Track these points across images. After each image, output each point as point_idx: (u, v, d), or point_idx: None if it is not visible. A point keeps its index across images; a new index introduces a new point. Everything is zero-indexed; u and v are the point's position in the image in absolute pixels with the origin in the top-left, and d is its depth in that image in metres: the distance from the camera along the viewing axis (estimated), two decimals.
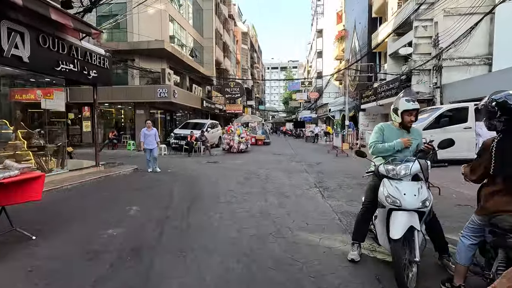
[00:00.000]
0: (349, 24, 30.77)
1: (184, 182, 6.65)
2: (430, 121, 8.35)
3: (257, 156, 12.86)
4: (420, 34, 16.96)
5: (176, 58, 15.97)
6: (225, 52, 31.28)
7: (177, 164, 9.88)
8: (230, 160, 11.29)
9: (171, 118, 19.45)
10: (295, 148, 17.39)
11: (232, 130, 14.10)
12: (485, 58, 16.16)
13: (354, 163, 9.99)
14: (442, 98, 15.97)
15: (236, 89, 22.09)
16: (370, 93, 22.52)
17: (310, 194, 5.46)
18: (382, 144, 2.79)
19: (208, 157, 12.47)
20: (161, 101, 14.97)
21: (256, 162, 10.41)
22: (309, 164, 10.04)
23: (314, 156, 12.70)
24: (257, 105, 54.82)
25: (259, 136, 20.58)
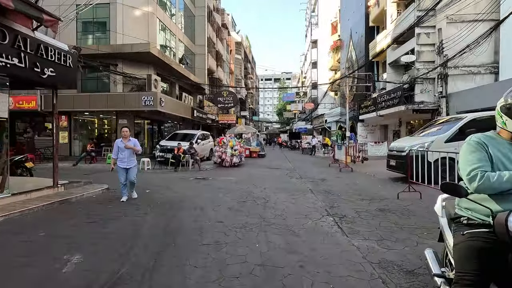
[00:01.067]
0: (344, 34, 30.30)
1: (160, 210, 5.26)
2: (453, 132, 7.21)
3: (252, 170, 11.54)
4: (423, 42, 16.18)
5: (163, 63, 14.77)
6: (218, 61, 30.35)
7: (159, 182, 8.47)
8: (222, 176, 9.93)
9: (159, 128, 18.07)
10: (292, 161, 16.12)
11: (224, 141, 12.80)
12: (491, 66, 15.40)
13: (362, 180, 8.74)
14: (448, 108, 15.06)
15: (229, 98, 20.94)
16: (369, 103, 21.62)
17: (324, 227, 4.15)
18: (499, 173, 1.52)
19: (197, 172, 11.09)
20: (146, 109, 13.64)
21: (251, 179, 9.07)
22: (312, 180, 8.76)
23: (315, 171, 11.44)
24: (251, 116, 53.81)
25: (254, 148, 19.30)
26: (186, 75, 17.10)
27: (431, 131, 8.21)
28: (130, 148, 5.69)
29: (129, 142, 5.76)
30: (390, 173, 9.36)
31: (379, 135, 23.63)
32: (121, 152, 5.68)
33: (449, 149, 7.01)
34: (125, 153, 5.69)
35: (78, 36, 14.54)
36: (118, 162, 5.74)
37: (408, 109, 15.91)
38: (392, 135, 21.54)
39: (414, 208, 5.17)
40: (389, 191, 6.79)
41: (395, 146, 8.34)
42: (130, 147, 5.69)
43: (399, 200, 5.79)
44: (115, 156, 5.76)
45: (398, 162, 7.92)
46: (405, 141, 8.37)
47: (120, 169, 5.75)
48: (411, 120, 19.40)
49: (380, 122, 22.51)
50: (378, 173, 10.25)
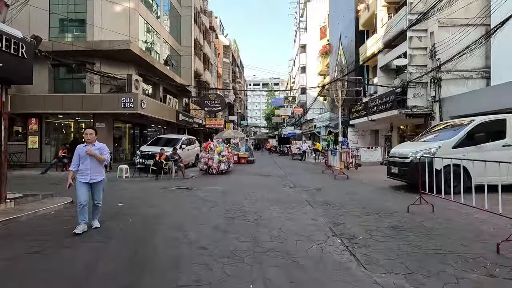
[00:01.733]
0: (333, 39, 30.12)
1: (131, 231, 4.32)
2: (461, 137, 6.62)
3: (241, 178, 10.67)
4: (415, 45, 15.90)
5: (146, 63, 13.78)
6: (206, 64, 29.49)
7: (135, 193, 7.48)
8: (208, 185, 9.01)
9: (141, 133, 16.95)
10: (283, 168, 15.36)
11: (210, 147, 11.89)
12: (482, 71, 15.27)
13: (361, 189, 8.04)
14: (441, 112, 14.75)
15: (217, 101, 20.07)
16: (360, 108, 21.24)
17: (333, 254, 3.35)
18: None
19: (181, 180, 10.12)
20: (126, 112, 12.58)
21: (240, 188, 8.21)
22: (307, 190, 7.99)
23: (309, 178, 10.70)
24: (239, 121, 52.99)
25: (242, 153, 18.45)
26: (170, 77, 16.13)
27: (434, 136, 7.63)
28: (93, 156, 4.26)
29: (92, 147, 4.29)
30: (389, 181, 8.72)
31: (370, 140, 23.28)
32: (83, 162, 4.26)
33: (457, 155, 6.42)
34: (88, 162, 4.25)
35: (52, 32, 13.37)
36: (78, 176, 4.26)
37: (401, 114, 15.52)
38: (383, 140, 21.20)
39: (431, 224, 4.46)
40: (395, 203, 6.08)
41: (396, 152, 7.70)
42: (93, 154, 4.24)
43: (410, 214, 5.07)
44: (74, 168, 4.27)
45: (401, 169, 7.27)
46: (407, 147, 7.75)
47: (80, 184, 4.21)
48: (402, 125, 19.11)
49: (371, 127, 22.15)
50: (375, 180, 9.61)
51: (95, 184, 4.31)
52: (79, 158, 4.31)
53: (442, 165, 6.40)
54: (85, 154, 4.27)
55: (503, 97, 11.49)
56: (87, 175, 4.24)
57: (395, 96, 15.75)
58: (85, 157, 4.28)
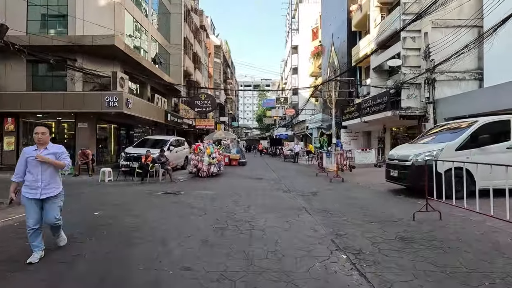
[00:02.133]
0: (326, 40, 29.97)
1: (104, 246, 3.76)
2: (465, 139, 6.29)
3: (233, 182, 10.14)
4: (409, 46, 15.74)
5: (132, 61, 13.12)
6: (196, 64, 28.85)
7: (117, 199, 6.86)
8: (197, 189, 8.45)
9: (128, 134, 16.21)
10: (276, 170, 14.89)
11: (200, 148, 11.32)
12: (475, 73, 15.23)
13: (359, 193, 7.64)
14: (435, 114, 14.60)
15: (207, 102, 19.48)
16: (353, 109, 21.02)
17: (339, 274, 2.87)
18: None
19: (168, 184, 9.52)
20: (110, 112, 11.88)
21: (232, 193, 7.68)
22: (302, 194, 7.53)
23: (303, 182, 10.26)
24: (230, 122, 52.40)
25: (234, 155, 17.91)
26: (159, 75, 15.46)
27: (434, 138, 7.30)
28: (45, 163, 3.17)
29: (44, 151, 3.20)
30: (387, 184, 8.36)
31: (363, 141, 23.10)
32: (32, 171, 3.18)
33: (461, 158, 6.09)
34: (38, 172, 3.17)
35: (31, 26, 12.54)
36: (25, 190, 3.19)
37: (395, 115, 15.32)
38: (376, 142, 21.03)
39: (442, 235, 4.05)
40: (398, 209, 5.68)
41: (396, 155, 7.33)
42: (46, 161, 3.16)
43: (416, 223, 4.66)
44: (18, 179, 3.25)
45: (401, 172, 6.89)
46: (407, 149, 7.39)
47: (28, 202, 3.15)
48: (395, 127, 18.97)
49: (364, 128, 21.98)
50: (372, 183, 9.25)
51: (48, 200, 3.24)
52: (26, 166, 3.20)
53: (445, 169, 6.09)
54: (34, 161, 3.16)
55: (498, 98, 11.37)
56: (36, 188, 3.16)
57: (389, 97, 15.54)
58: (35, 164, 3.17)
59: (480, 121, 6.45)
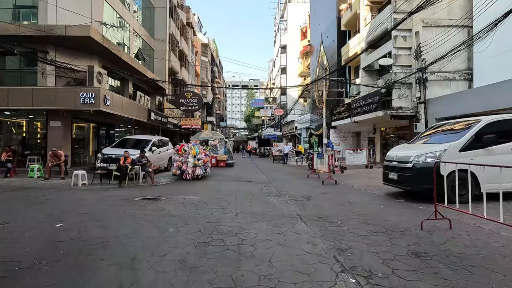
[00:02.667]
0: (315, 39, 29.68)
1: (54, 271, 3.03)
2: (468, 139, 5.87)
3: (220, 185, 9.45)
4: (400, 45, 15.50)
5: (111, 55, 12.20)
6: (182, 61, 27.92)
7: (86, 207, 6.04)
8: (180, 193, 7.71)
9: (108, 133, 15.20)
10: (265, 172, 14.29)
11: (185, 149, 10.57)
12: (465, 73, 15.16)
13: (356, 197, 7.12)
14: (426, 114, 14.39)
15: (194, 100, 18.66)
16: (342, 109, 20.70)
17: None
18: None
19: (149, 188, 8.73)
20: (87, 109, 10.94)
21: (218, 198, 7.01)
22: (294, 199, 6.95)
23: (295, 184, 9.69)
24: (218, 122, 51.49)
25: (221, 156, 17.19)
26: (141, 71, 14.54)
27: (434, 138, 6.88)
28: None
29: None
30: (383, 187, 7.92)
31: (352, 142, 22.86)
32: None
33: (465, 160, 5.65)
34: None
35: None
36: None
37: (386, 115, 15.02)
38: (366, 142, 20.79)
39: (458, 249, 3.53)
40: (402, 216, 5.17)
41: (395, 156, 6.85)
42: None
43: (426, 233, 4.14)
44: None
45: (401, 175, 6.41)
46: (406, 150, 6.93)
47: None
48: (385, 127, 18.76)
49: (354, 128, 21.72)
50: (367, 186, 8.79)
51: None
52: None
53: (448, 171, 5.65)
54: None
55: (490, 98, 11.20)
56: None
57: (380, 97, 15.24)
58: None
59: (483, 120, 6.04)
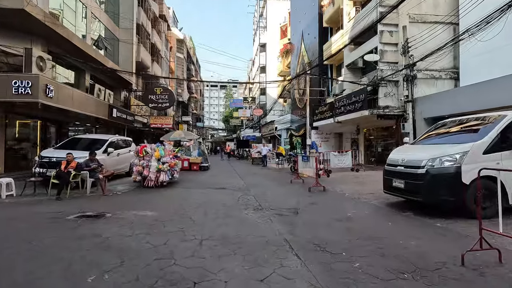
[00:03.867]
0: (295, 37, 28.70)
1: None
2: (493, 138, 4.74)
3: (188, 194, 7.83)
4: (386, 40, 14.62)
5: (60, 38, 10.18)
6: (154, 56, 25.82)
7: None
8: (134, 207, 6.02)
9: (59, 133, 12.99)
10: (243, 176, 12.79)
11: (146, 151, 8.83)
12: (451, 71, 14.60)
13: (352, 209, 5.81)
14: (414, 113, 13.60)
15: (164, 96, 16.78)
16: (325, 108, 19.69)
17: None
18: None
19: (97, 199, 6.95)
20: (21, 101, 8.88)
21: (181, 215, 5.42)
22: (279, 213, 5.53)
23: (277, 192, 8.29)
24: (195, 122, 49.29)
25: (194, 158, 15.48)
26: (98, 60, 12.50)
27: (446, 138, 5.74)
28: None
29: None
30: (380, 194, 6.74)
31: (334, 143, 21.97)
32: None
33: (490, 164, 4.53)
34: None
35: None
36: None
37: (372, 114, 14.09)
38: (349, 144, 19.94)
39: None
40: (424, 240, 3.87)
41: (400, 159, 5.61)
42: None
43: (473, 273, 2.85)
44: None
45: (410, 183, 5.18)
46: (413, 152, 5.74)
47: None
48: (369, 128, 17.95)
49: (336, 129, 20.81)
50: (360, 193, 7.57)
51: None
52: None
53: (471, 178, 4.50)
54: None
55: (481, 96, 10.50)
56: None
57: (366, 95, 14.29)
58: None
59: (509, 115, 4.94)
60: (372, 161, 17.16)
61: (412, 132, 13.34)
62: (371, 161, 17.25)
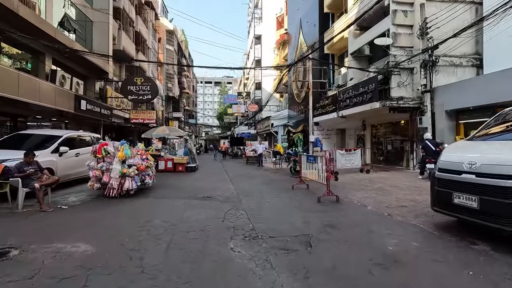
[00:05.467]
0: (292, 27, 26.68)
1: None
2: None
3: (156, 210, 5.83)
4: (400, 21, 12.63)
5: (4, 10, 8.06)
6: (140, 46, 23.63)
7: None
8: (68, 235, 4.01)
9: (14, 128, 10.83)
10: (235, 179, 10.83)
11: (107, 150, 6.81)
12: (473, 58, 12.77)
13: (389, 232, 3.89)
14: (433, 105, 11.77)
15: (146, 87, 14.69)
16: (326, 102, 17.79)
17: None
18: None
19: (25, 218, 4.93)
20: None
21: (128, 256, 3.42)
22: (282, 247, 3.58)
23: (276, 205, 6.34)
24: (187, 119, 47.10)
25: (179, 158, 13.46)
26: (60, 40, 10.35)
27: None
28: None
29: None
30: (417, 208, 4.85)
31: (336, 140, 20.11)
32: None
33: None
34: None
35: None
36: None
37: (384, 107, 12.22)
38: (353, 141, 18.09)
39: None
40: None
41: (467, 163, 3.66)
42: None
43: None
44: None
45: (491, 202, 3.27)
46: (488, 151, 3.83)
47: None
48: (376, 123, 16.09)
49: (339, 125, 18.95)
50: (387, 206, 5.66)
51: None
52: None
53: None
54: None
55: None
56: None
57: (376, 85, 12.40)
58: None
59: None
60: (380, 160, 15.34)
61: (431, 127, 11.52)
62: (379, 161, 15.43)
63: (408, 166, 12.77)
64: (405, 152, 13.42)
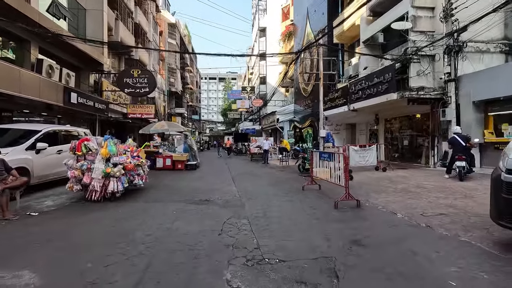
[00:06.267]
0: (299, 18, 25.41)
1: None
2: None
3: (142, 219, 4.85)
4: (420, 3, 11.47)
5: None
6: (139, 38, 22.71)
7: None
8: (19, 258, 3.08)
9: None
10: (238, 178, 9.84)
11: (88, 147, 5.87)
12: (501, 43, 11.51)
13: (435, 252, 2.85)
14: (457, 96, 10.59)
15: (143, 80, 13.74)
16: (336, 95, 16.65)
17: None
18: None
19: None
20: None
21: (95, 282, 2.46)
22: (299, 278, 2.57)
23: (285, 212, 5.33)
24: (190, 115, 46.24)
25: (178, 155, 12.53)
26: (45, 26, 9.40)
27: None
28: None
29: None
30: (462, 218, 3.81)
31: (346, 136, 19.00)
32: None
33: None
34: None
35: None
36: None
37: (403, 98, 11.07)
38: (365, 136, 16.94)
39: None
40: None
41: None
42: None
43: None
44: None
45: None
46: None
47: None
48: (390, 117, 14.92)
49: (348, 119, 17.81)
50: (421, 213, 4.62)
51: None
52: None
53: None
54: None
55: None
56: None
57: (393, 74, 11.24)
58: None
59: None
60: (395, 157, 14.19)
61: (455, 119, 10.36)
62: (394, 157, 14.28)
63: (428, 163, 11.63)
64: (424, 148, 12.27)
